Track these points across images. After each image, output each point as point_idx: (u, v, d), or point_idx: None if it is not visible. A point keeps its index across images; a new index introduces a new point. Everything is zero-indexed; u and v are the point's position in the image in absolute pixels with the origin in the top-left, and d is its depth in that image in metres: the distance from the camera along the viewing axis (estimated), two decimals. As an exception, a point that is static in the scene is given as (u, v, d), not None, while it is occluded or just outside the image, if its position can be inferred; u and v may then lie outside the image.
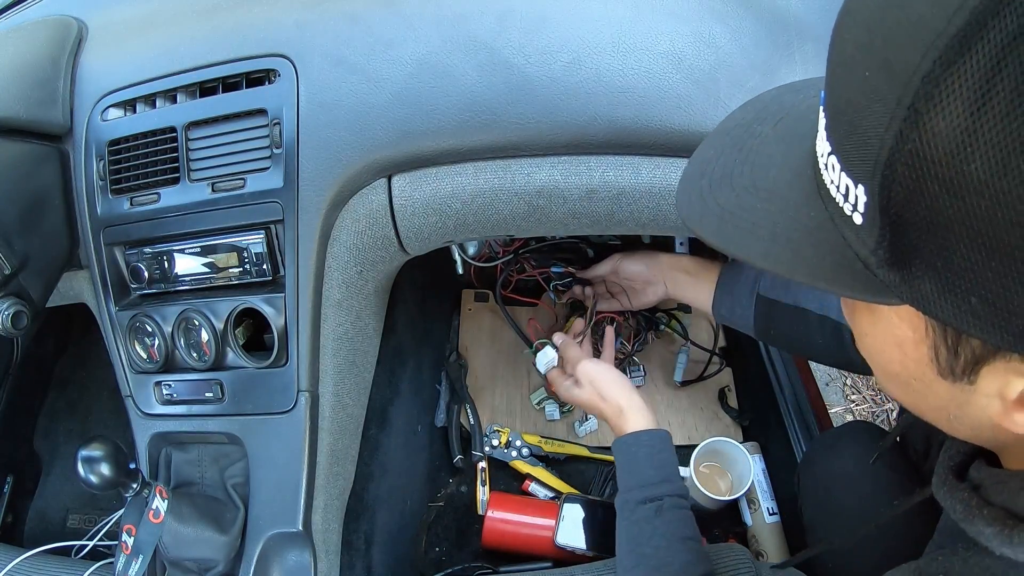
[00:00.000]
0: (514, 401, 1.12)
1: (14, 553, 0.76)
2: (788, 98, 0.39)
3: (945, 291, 0.25)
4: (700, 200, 0.36)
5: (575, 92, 0.62)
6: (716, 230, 0.34)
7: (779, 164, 0.34)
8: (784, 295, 0.78)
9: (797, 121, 0.36)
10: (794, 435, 1.03)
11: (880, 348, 0.34)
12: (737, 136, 0.38)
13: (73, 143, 0.75)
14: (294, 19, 0.69)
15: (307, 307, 0.69)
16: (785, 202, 0.32)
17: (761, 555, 0.96)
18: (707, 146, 0.39)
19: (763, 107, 0.39)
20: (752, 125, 0.38)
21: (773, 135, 0.36)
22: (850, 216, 0.28)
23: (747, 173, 0.35)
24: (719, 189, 0.36)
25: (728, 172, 0.36)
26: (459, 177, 0.66)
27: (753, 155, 0.36)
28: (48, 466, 1.17)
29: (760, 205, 0.33)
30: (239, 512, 0.69)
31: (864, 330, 0.35)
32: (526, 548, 0.95)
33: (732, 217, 0.34)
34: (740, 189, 0.35)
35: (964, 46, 0.22)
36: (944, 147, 0.23)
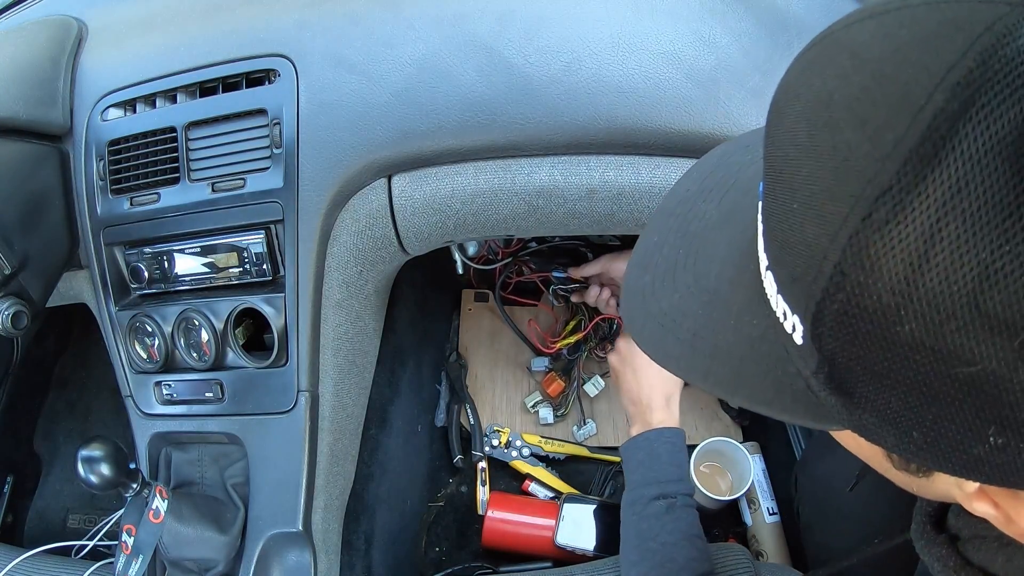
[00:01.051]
0: (514, 401, 1.12)
1: (14, 553, 0.76)
2: (736, 159, 0.36)
3: (886, 425, 0.24)
4: (641, 303, 0.34)
5: (575, 92, 0.62)
6: (656, 342, 0.32)
7: (722, 257, 0.31)
8: None
9: (742, 196, 0.32)
10: (794, 435, 1.03)
11: (847, 441, 0.32)
12: (681, 217, 0.35)
13: (73, 143, 0.75)
14: (294, 19, 0.69)
15: (307, 307, 0.69)
16: (727, 308, 0.30)
17: (761, 555, 0.96)
18: (651, 230, 0.36)
19: (709, 174, 0.36)
20: (696, 202, 0.35)
21: (717, 216, 0.33)
22: (791, 335, 0.25)
23: (690, 267, 0.32)
24: (662, 289, 0.33)
25: (672, 264, 0.33)
26: (459, 177, 0.66)
27: (697, 243, 0.33)
28: (48, 466, 1.17)
29: (702, 311, 0.30)
30: (239, 512, 0.69)
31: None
32: (526, 548, 0.95)
33: (673, 326, 0.31)
34: (683, 288, 0.32)
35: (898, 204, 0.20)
36: (875, 309, 0.21)
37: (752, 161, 0.33)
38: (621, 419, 1.12)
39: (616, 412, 1.12)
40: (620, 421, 1.13)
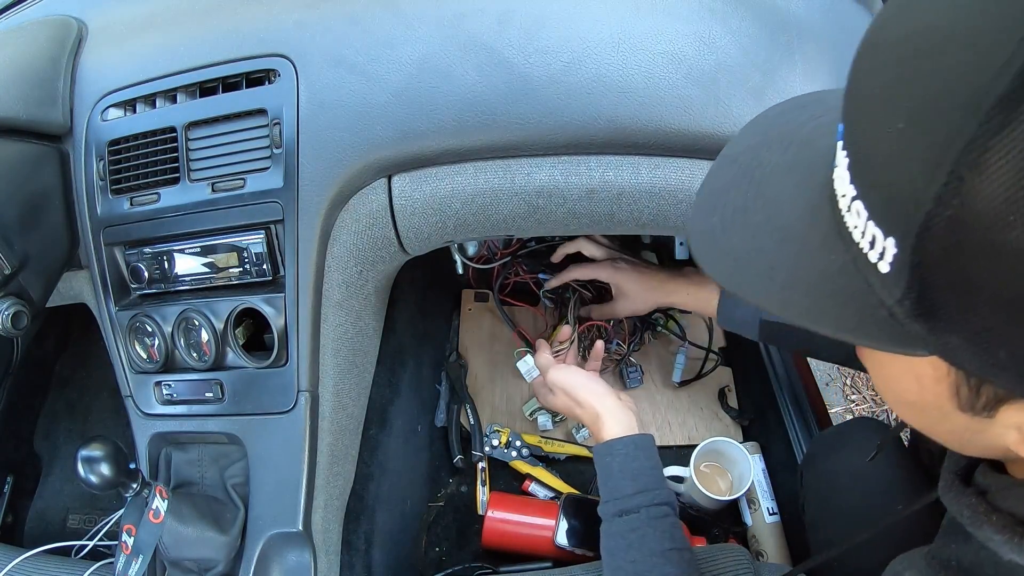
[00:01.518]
0: (514, 401, 1.12)
1: (14, 553, 0.76)
2: (793, 116, 0.37)
3: (973, 345, 0.25)
4: (712, 241, 0.35)
5: (575, 92, 0.62)
6: (731, 274, 0.33)
7: (792, 198, 0.33)
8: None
9: (805, 147, 0.34)
10: (794, 435, 1.03)
11: (898, 379, 0.34)
12: (745, 164, 0.36)
13: (73, 143, 0.75)
14: (294, 19, 0.69)
15: (307, 307, 0.69)
16: (803, 244, 0.31)
17: (761, 555, 0.96)
18: (715, 176, 0.38)
19: (768, 128, 0.38)
20: (759, 151, 0.36)
21: (783, 163, 0.34)
22: (875, 264, 0.27)
23: (761, 209, 0.33)
24: (732, 228, 0.34)
25: (741, 207, 0.34)
26: (459, 177, 0.66)
27: (765, 188, 0.34)
28: (48, 466, 1.17)
29: (776, 247, 0.32)
30: (239, 512, 0.69)
31: (881, 362, 0.34)
32: (526, 548, 0.95)
33: (748, 259, 0.32)
34: (755, 228, 0.33)
35: (1012, 109, 0.21)
36: (986, 214, 0.22)
37: (812, 117, 0.35)
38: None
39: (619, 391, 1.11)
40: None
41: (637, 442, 0.74)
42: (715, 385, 1.14)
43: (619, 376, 1.12)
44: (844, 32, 0.66)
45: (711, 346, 1.12)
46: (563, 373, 0.83)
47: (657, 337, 1.17)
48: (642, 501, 0.68)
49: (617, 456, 0.73)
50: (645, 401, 1.13)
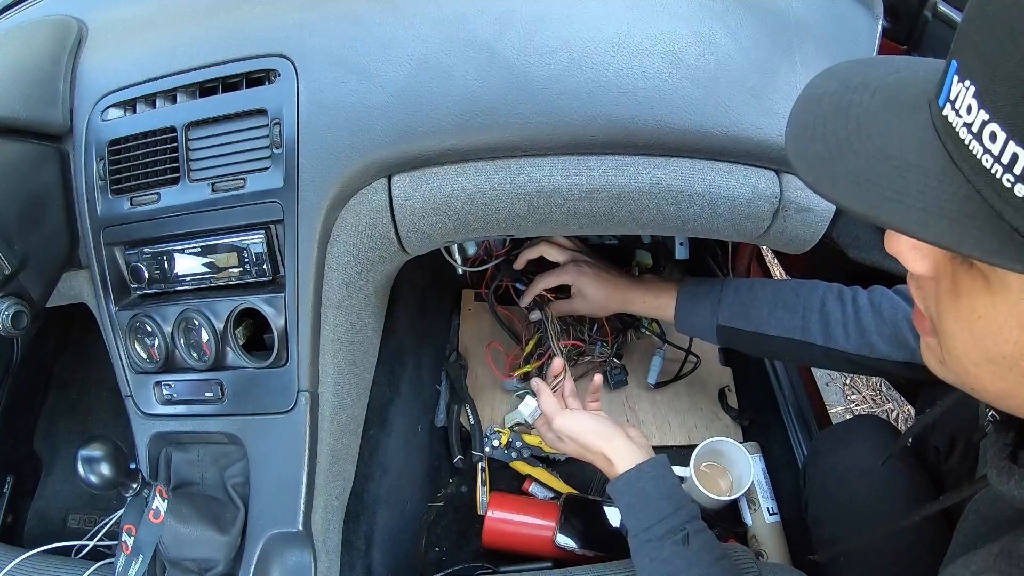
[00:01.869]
0: (514, 401, 1.12)
1: (14, 553, 0.76)
2: (865, 70, 0.38)
3: None
4: (823, 165, 0.34)
5: (575, 92, 0.62)
6: (857, 198, 0.32)
7: (898, 133, 0.33)
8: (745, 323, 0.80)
9: (896, 91, 0.35)
10: (794, 435, 1.03)
11: (995, 330, 0.33)
12: (834, 103, 0.36)
13: (73, 143, 0.75)
14: (294, 19, 0.69)
15: (307, 307, 0.69)
16: (923, 171, 0.31)
17: (761, 555, 0.96)
18: (804, 111, 0.37)
19: (845, 78, 0.38)
20: (845, 94, 0.36)
21: (875, 104, 0.35)
22: (1011, 188, 0.27)
23: (867, 140, 0.33)
24: (840, 155, 0.34)
25: (844, 138, 0.34)
26: (459, 177, 0.66)
27: (865, 122, 0.34)
28: (48, 466, 1.17)
29: (896, 174, 0.32)
30: (239, 512, 0.69)
31: (977, 312, 0.34)
32: (526, 548, 0.95)
33: (871, 184, 0.32)
34: (867, 156, 0.33)
35: None
36: None
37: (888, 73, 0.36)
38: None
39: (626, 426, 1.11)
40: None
41: (661, 462, 0.74)
42: (715, 385, 1.15)
43: (604, 377, 1.12)
44: (844, 32, 0.66)
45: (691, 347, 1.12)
46: (570, 420, 0.81)
47: (639, 337, 1.16)
48: (684, 516, 0.68)
49: (648, 479, 0.72)
50: (645, 401, 1.13)
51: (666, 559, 0.66)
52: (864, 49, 0.66)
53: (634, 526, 0.70)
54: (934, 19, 0.67)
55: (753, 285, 0.82)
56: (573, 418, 0.81)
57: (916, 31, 0.69)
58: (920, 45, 0.70)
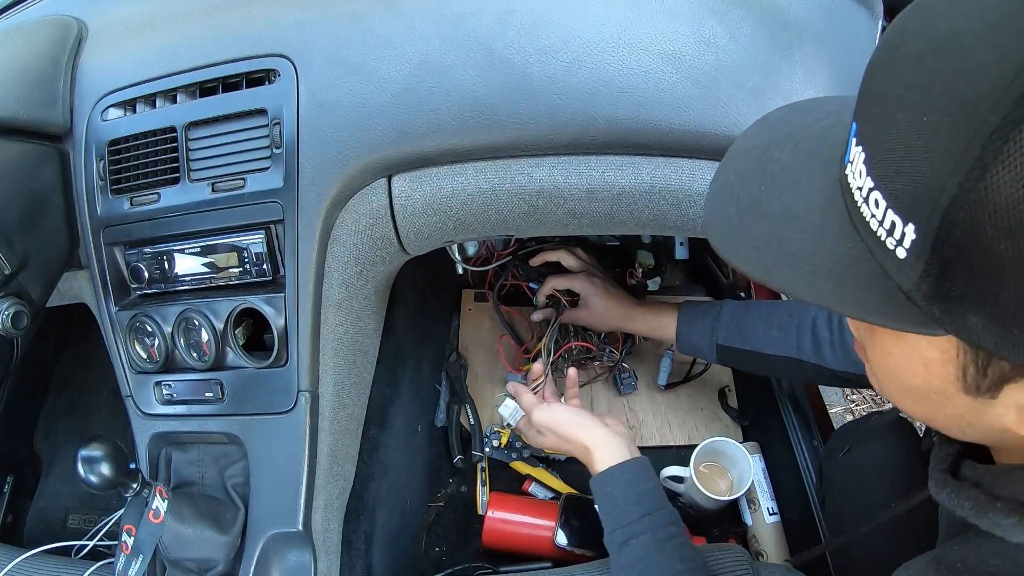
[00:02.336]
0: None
1: (14, 553, 0.76)
2: (795, 119, 0.39)
3: (991, 323, 0.27)
4: (732, 230, 0.36)
5: (575, 92, 0.62)
6: (756, 263, 0.34)
7: (806, 191, 0.34)
8: (742, 342, 0.83)
9: (815, 144, 0.36)
10: (794, 435, 1.03)
11: (904, 366, 0.35)
12: (756, 159, 0.38)
13: (73, 143, 0.75)
14: (294, 19, 0.69)
15: (307, 307, 0.69)
16: (820, 232, 0.33)
17: (761, 555, 0.96)
18: (727, 170, 0.39)
19: (774, 128, 0.39)
20: (769, 148, 0.38)
21: (793, 159, 0.36)
22: (893, 250, 0.29)
23: (776, 200, 0.35)
24: (750, 218, 0.36)
25: (756, 198, 0.36)
26: (459, 177, 0.66)
27: (779, 181, 0.36)
28: (48, 466, 1.17)
29: (795, 236, 0.33)
30: (239, 512, 0.69)
31: (888, 349, 0.36)
32: (526, 548, 0.95)
33: (770, 248, 0.34)
34: (772, 218, 0.35)
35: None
36: (1008, 196, 0.24)
37: (815, 120, 0.38)
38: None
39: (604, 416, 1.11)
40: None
41: (636, 465, 0.74)
42: (715, 385, 1.14)
43: (613, 383, 1.12)
44: (844, 32, 0.66)
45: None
46: (547, 412, 0.83)
47: (648, 339, 1.16)
48: (649, 524, 0.68)
49: (618, 484, 0.73)
50: (645, 401, 1.13)
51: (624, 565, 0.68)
52: (864, 49, 0.66)
53: (605, 527, 0.72)
54: (934, 19, 0.67)
55: (749, 306, 0.85)
56: (550, 410, 0.83)
57: (916, 31, 0.69)
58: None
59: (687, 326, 0.88)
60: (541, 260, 1.02)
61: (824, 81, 0.64)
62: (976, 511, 0.36)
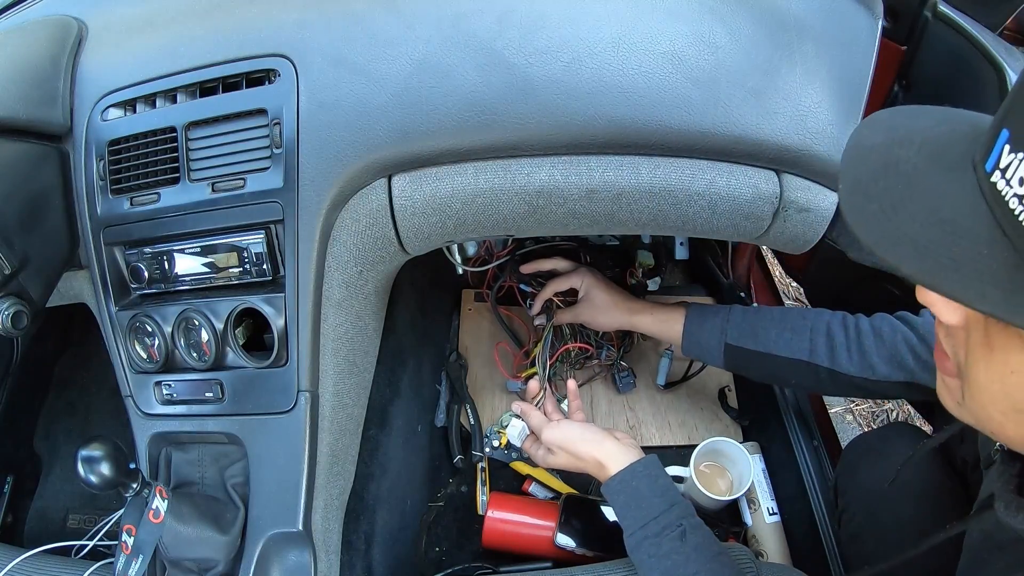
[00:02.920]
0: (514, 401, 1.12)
1: (14, 553, 0.76)
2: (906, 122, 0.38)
3: None
4: (882, 226, 0.35)
5: (575, 92, 0.62)
6: (918, 263, 0.33)
7: (949, 194, 0.34)
8: (753, 343, 0.81)
9: (942, 148, 0.35)
10: (794, 435, 1.03)
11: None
12: (882, 159, 0.37)
13: (73, 143, 0.75)
14: (294, 19, 0.69)
15: (307, 307, 0.69)
16: (975, 238, 0.32)
17: (761, 555, 0.96)
18: (855, 166, 0.38)
19: (888, 128, 0.38)
20: (891, 148, 0.37)
21: (922, 162, 0.35)
22: None
23: (918, 200, 0.34)
24: (895, 217, 0.34)
25: (897, 197, 0.35)
26: (459, 177, 0.66)
27: (915, 181, 0.35)
28: (48, 466, 1.17)
29: (950, 240, 0.32)
30: (239, 512, 0.69)
31: (1011, 367, 0.35)
32: (526, 548, 0.95)
33: (928, 250, 0.33)
34: (921, 219, 0.34)
35: None
36: None
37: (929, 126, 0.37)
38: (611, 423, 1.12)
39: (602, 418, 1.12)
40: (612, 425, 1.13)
41: (652, 461, 0.75)
42: (715, 385, 1.15)
43: (611, 381, 1.12)
44: (844, 32, 0.66)
45: None
46: (556, 431, 0.82)
47: (646, 339, 1.16)
48: (679, 513, 0.69)
49: (642, 478, 0.73)
50: (645, 401, 1.13)
51: (664, 554, 0.67)
52: (864, 49, 0.66)
53: (629, 524, 0.71)
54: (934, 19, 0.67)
55: (760, 309, 0.84)
56: (559, 428, 0.82)
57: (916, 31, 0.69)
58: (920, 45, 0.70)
59: (695, 324, 0.86)
60: (534, 269, 1.02)
61: (824, 81, 0.64)
62: None
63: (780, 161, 0.65)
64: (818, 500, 0.95)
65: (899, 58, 0.71)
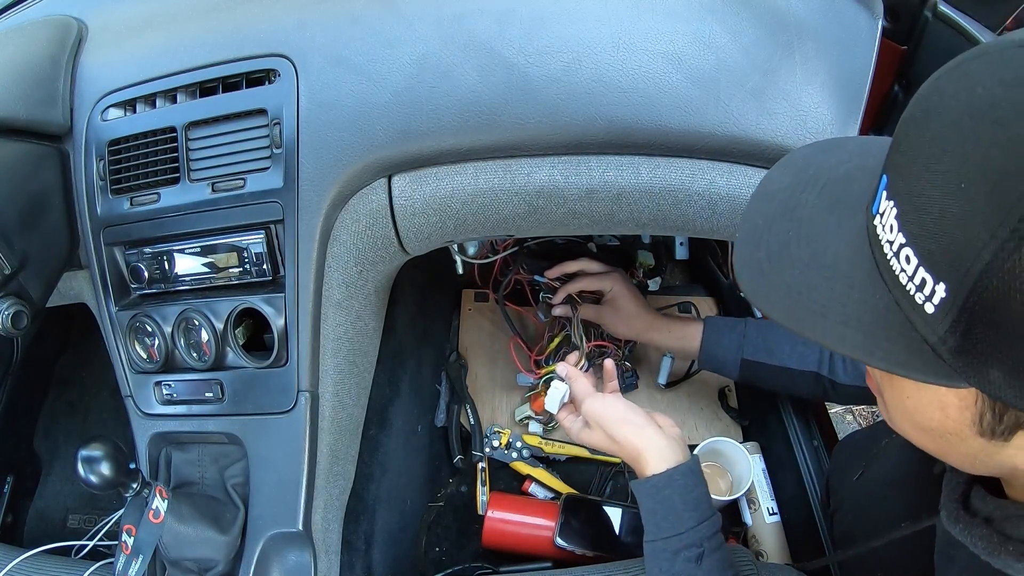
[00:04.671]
0: (514, 402, 1.12)
1: (14, 553, 0.76)
2: (819, 159, 0.40)
3: (1012, 377, 0.28)
4: (762, 275, 0.37)
5: (575, 92, 0.62)
6: (787, 312, 0.35)
7: (835, 238, 0.35)
8: (768, 357, 0.84)
9: (840, 189, 0.37)
10: (794, 435, 1.02)
11: (920, 410, 0.36)
12: (783, 202, 0.38)
13: (73, 143, 0.75)
14: (294, 19, 0.69)
15: (307, 307, 0.69)
16: (849, 282, 0.33)
17: (761, 555, 0.96)
18: (755, 212, 0.40)
19: (799, 170, 0.40)
20: (795, 191, 0.38)
21: (820, 204, 0.37)
22: (921, 305, 0.30)
23: (804, 246, 0.36)
24: (779, 264, 0.36)
25: (784, 243, 0.36)
26: (459, 177, 0.66)
27: (806, 226, 0.36)
28: (48, 466, 1.17)
29: (825, 284, 0.34)
30: (239, 512, 0.69)
31: (906, 393, 0.36)
32: (526, 548, 0.95)
33: (801, 297, 0.35)
34: (802, 265, 0.35)
35: None
36: None
37: (840, 162, 0.38)
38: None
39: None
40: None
41: (692, 469, 0.69)
42: (715, 385, 1.14)
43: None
44: (844, 32, 0.66)
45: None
46: (600, 403, 0.75)
47: None
48: (705, 532, 0.65)
49: (677, 487, 0.68)
50: (645, 401, 1.13)
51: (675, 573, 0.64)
52: (864, 49, 0.66)
53: (651, 531, 0.67)
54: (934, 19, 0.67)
55: (772, 324, 0.86)
56: (603, 402, 0.75)
57: (916, 31, 0.69)
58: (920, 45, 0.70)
59: (713, 339, 0.88)
60: (559, 272, 1.01)
61: (824, 81, 0.64)
62: (989, 551, 0.37)
63: (780, 161, 0.65)
64: (818, 500, 0.95)
65: (899, 58, 0.71)
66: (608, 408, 0.74)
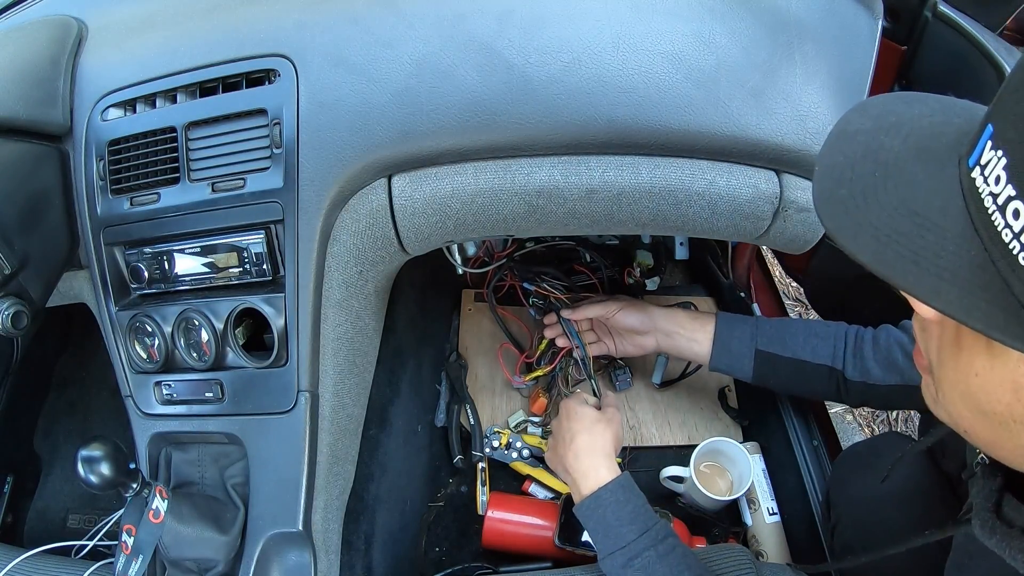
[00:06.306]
0: (514, 402, 1.12)
1: (14, 553, 0.76)
2: (900, 108, 0.37)
3: None
4: (846, 214, 0.34)
5: (575, 92, 0.62)
6: (875, 254, 0.32)
7: (925, 187, 0.33)
8: (782, 349, 0.83)
9: (928, 139, 0.34)
10: (794, 435, 1.03)
11: (990, 390, 0.33)
12: (864, 144, 0.36)
13: (73, 143, 0.75)
14: (294, 19, 0.69)
15: (307, 307, 0.69)
16: (942, 233, 0.31)
17: (761, 555, 0.96)
18: (834, 150, 0.37)
19: (879, 115, 0.37)
20: (877, 134, 0.36)
21: (905, 151, 0.34)
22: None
23: (892, 191, 0.33)
24: (864, 204, 0.33)
25: (870, 186, 0.34)
26: (459, 177, 0.66)
27: (893, 171, 0.34)
28: (48, 466, 1.17)
29: (916, 232, 0.31)
30: (239, 512, 0.69)
31: (975, 370, 0.34)
32: (526, 548, 0.95)
33: (890, 241, 0.32)
34: (890, 209, 0.33)
35: None
36: None
37: (924, 115, 0.36)
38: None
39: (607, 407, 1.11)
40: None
41: (623, 483, 0.74)
42: (715, 385, 1.14)
43: (608, 380, 1.13)
44: (844, 32, 0.66)
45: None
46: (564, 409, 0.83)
47: None
48: (648, 541, 0.68)
49: (608, 505, 0.72)
50: (645, 401, 1.13)
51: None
52: (864, 49, 0.66)
53: (600, 549, 0.71)
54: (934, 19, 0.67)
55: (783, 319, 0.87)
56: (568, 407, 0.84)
57: (916, 31, 0.69)
58: (920, 45, 0.70)
59: (726, 330, 0.87)
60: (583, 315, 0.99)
61: (824, 81, 0.64)
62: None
63: (780, 161, 0.65)
64: (818, 500, 0.95)
65: (899, 58, 0.71)
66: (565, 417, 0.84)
